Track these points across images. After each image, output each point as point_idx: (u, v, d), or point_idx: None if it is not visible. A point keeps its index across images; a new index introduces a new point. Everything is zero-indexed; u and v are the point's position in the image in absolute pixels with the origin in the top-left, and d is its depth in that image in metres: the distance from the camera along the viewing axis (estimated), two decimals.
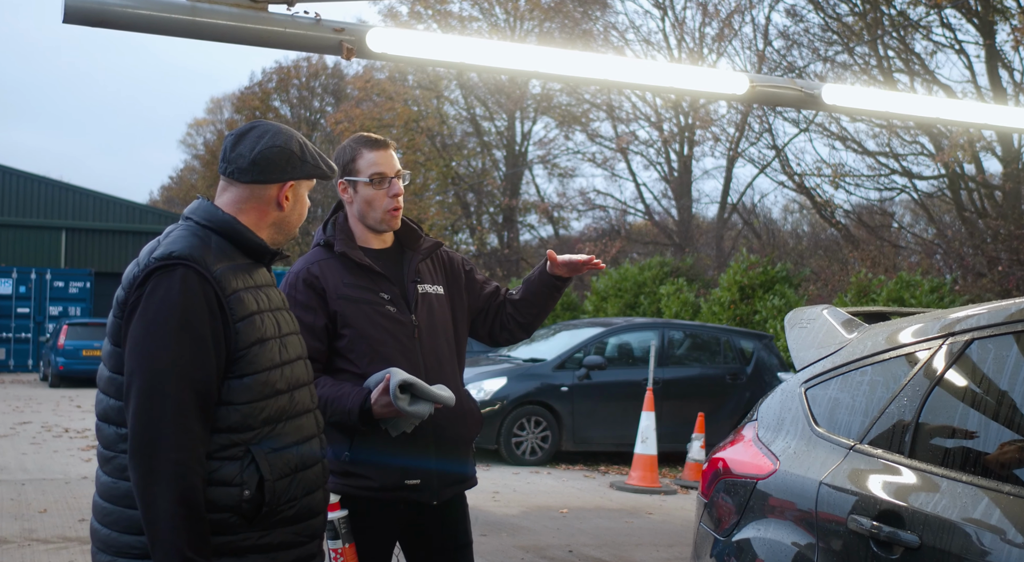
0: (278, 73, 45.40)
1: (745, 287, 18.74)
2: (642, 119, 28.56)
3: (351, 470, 3.03)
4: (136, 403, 2.25)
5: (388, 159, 3.17)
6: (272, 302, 2.52)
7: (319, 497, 2.54)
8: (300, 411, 2.50)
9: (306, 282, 3.09)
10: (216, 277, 2.36)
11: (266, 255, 2.54)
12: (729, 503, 3.28)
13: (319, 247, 3.19)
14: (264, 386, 2.40)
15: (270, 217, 2.53)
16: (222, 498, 2.31)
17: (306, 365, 2.60)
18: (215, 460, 2.32)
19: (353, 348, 3.06)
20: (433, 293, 3.24)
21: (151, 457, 2.22)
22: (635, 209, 30.15)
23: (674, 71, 4.49)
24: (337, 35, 3.78)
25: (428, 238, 3.31)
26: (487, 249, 33.89)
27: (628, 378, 12.04)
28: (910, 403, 2.78)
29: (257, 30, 3.68)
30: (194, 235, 2.43)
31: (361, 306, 3.08)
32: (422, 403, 2.89)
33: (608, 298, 22.38)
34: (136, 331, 2.30)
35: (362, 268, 3.13)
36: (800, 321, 3.52)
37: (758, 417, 3.42)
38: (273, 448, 2.40)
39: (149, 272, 2.33)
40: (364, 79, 35.16)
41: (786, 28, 24.95)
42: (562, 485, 10.28)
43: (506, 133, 33.96)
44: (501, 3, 32.26)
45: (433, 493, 3.10)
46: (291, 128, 2.60)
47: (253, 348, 2.39)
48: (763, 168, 25.99)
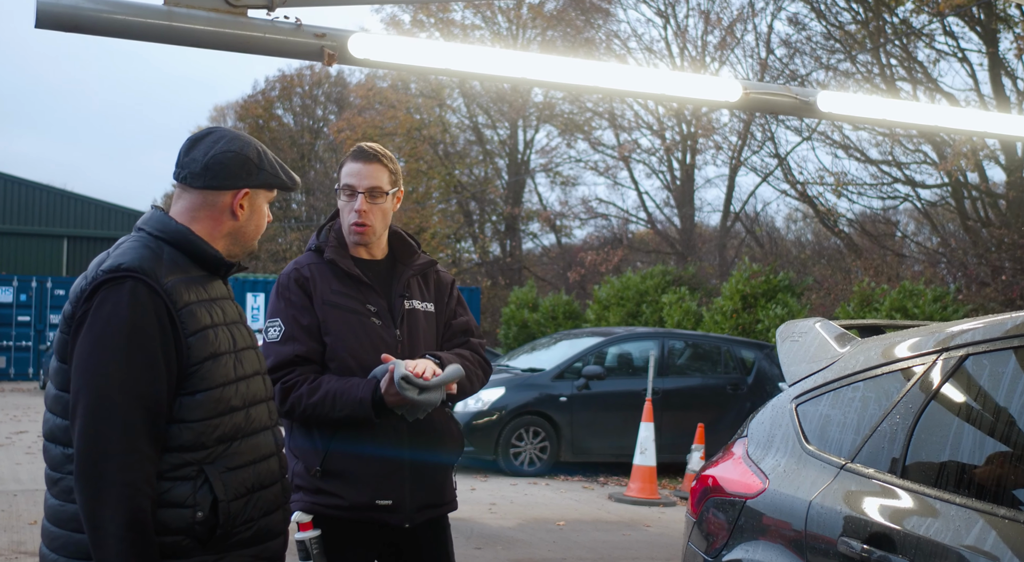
0: (281, 81, 45.38)
1: (747, 296, 18.63)
2: (644, 127, 28.50)
3: (322, 487, 2.94)
4: (82, 422, 2.16)
5: (363, 173, 3.08)
6: (227, 316, 2.42)
7: (278, 518, 2.44)
8: (257, 429, 2.40)
9: (297, 283, 3.04)
10: (167, 290, 2.26)
11: (221, 267, 2.44)
12: (718, 522, 3.18)
13: (311, 252, 3.14)
14: (218, 403, 2.30)
15: (224, 226, 2.43)
16: (174, 520, 2.21)
17: (264, 381, 2.50)
18: (166, 480, 2.22)
19: (334, 357, 2.99)
20: (422, 310, 3.15)
21: (98, 478, 2.13)
22: (637, 217, 30.08)
23: (667, 78, 4.40)
24: (318, 41, 3.69)
25: (424, 255, 3.23)
26: (489, 258, 33.79)
27: (628, 388, 11.93)
28: (902, 421, 2.68)
29: (236, 35, 3.59)
30: (145, 246, 2.33)
31: (346, 315, 3.01)
32: (432, 391, 2.81)
33: (610, 307, 22.26)
34: (83, 347, 2.20)
35: (350, 277, 3.06)
36: (792, 334, 3.42)
37: (748, 433, 3.32)
38: (228, 467, 2.30)
39: (97, 285, 2.24)
40: (366, 88, 35.13)
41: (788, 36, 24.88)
42: (560, 497, 10.17)
43: (508, 141, 33.90)
44: (504, 12, 32.23)
45: (405, 516, 3.00)
46: (251, 137, 2.50)
47: (206, 363, 2.29)
48: (765, 177, 25.90)
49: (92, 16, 3.39)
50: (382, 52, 3.75)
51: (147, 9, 3.48)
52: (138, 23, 3.46)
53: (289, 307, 2.99)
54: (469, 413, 11.42)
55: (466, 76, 4.00)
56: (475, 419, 11.38)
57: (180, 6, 3.52)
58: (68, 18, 3.36)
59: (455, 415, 11.22)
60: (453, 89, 33.88)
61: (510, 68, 3.99)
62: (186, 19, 3.52)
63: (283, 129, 45.69)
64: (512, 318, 24.87)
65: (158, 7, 3.49)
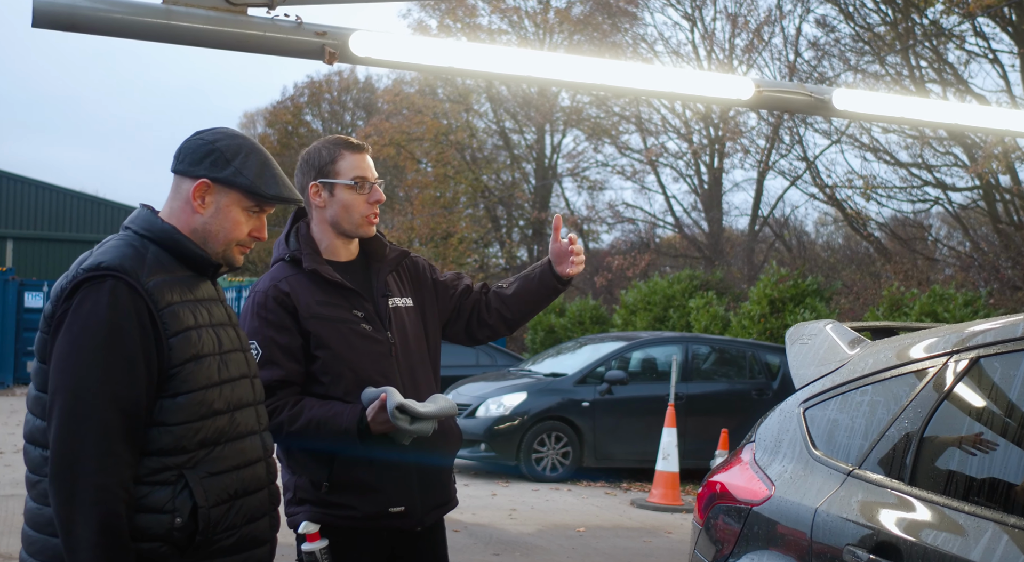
0: (310, 87, 45.59)
1: (775, 300, 18.44)
2: (671, 131, 28.34)
3: (332, 499, 2.86)
4: (58, 424, 2.11)
5: (369, 163, 3.03)
6: (214, 317, 2.36)
7: (264, 525, 2.38)
8: (242, 433, 2.34)
9: (277, 300, 2.89)
10: (148, 289, 2.21)
11: (208, 268, 2.39)
12: (724, 530, 3.09)
13: (284, 262, 2.99)
14: (199, 406, 2.24)
15: (191, 221, 2.37)
16: (151, 526, 2.16)
17: (252, 384, 2.44)
18: (145, 485, 2.17)
19: (328, 370, 2.88)
20: (403, 306, 3.07)
21: (71, 481, 2.08)
22: (664, 222, 29.89)
23: (679, 77, 4.32)
24: (319, 39, 3.64)
25: (394, 248, 3.13)
26: (517, 262, 33.73)
27: (651, 393, 11.81)
28: (911, 425, 2.58)
29: (235, 34, 3.55)
30: (129, 245, 2.28)
31: (335, 325, 2.90)
32: (423, 421, 2.73)
33: (637, 312, 22.12)
34: (61, 347, 2.16)
35: (333, 284, 2.94)
36: (801, 337, 3.32)
37: (756, 438, 3.23)
38: (209, 472, 2.24)
39: (77, 284, 2.19)
40: (393, 93, 35.19)
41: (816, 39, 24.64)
42: (581, 502, 10.07)
43: (535, 146, 33.84)
44: (531, 16, 32.20)
45: (418, 519, 2.94)
46: (252, 142, 2.41)
47: (188, 365, 2.23)
48: (794, 180, 25.66)
49: (89, 15, 3.36)
50: (384, 50, 3.69)
51: (145, 8, 3.44)
52: (136, 22, 3.43)
53: (266, 327, 2.85)
54: (491, 418, 11.36)
55: (468, 74, 3.94)
56: (497, 424, 11.31)
57: (179, 5, 3.48)
58: (65, 17, 3.33)
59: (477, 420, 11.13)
60: (480, 94, 33.87)
61: (514, 66, 3.93)
62: (185, 18, 3.48)
63: (312, 135, 45.86)
64: (539, 323, 24.76)
65: (156, 6, 3.46)
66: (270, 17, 3.59)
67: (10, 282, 20.84)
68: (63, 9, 3.32)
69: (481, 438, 11.35)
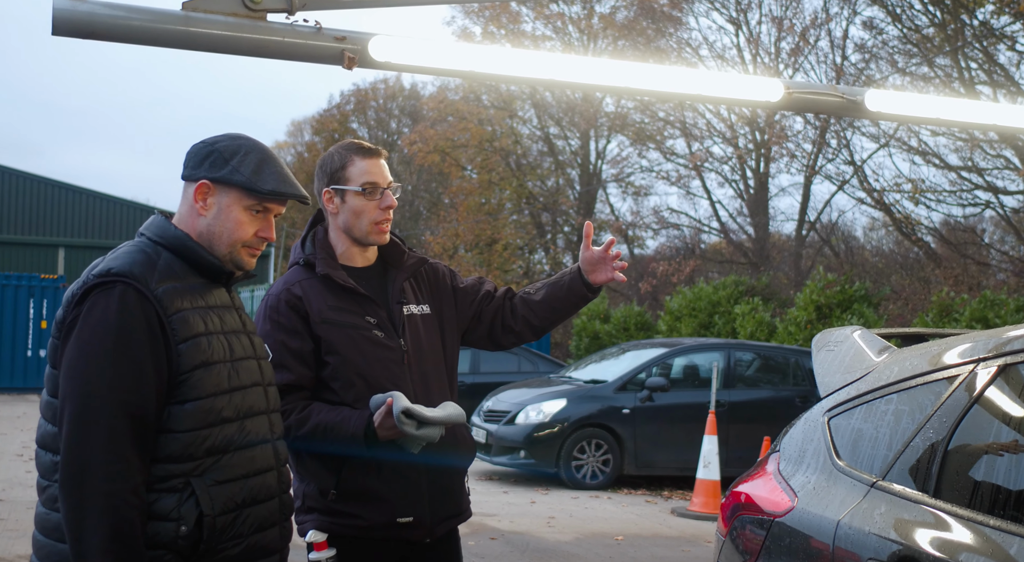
0: (356, 95, 45.93)
1: (822, 307, 18.21)
2: (717, 136, 28.12)
3: (339, 508, 2.82)
4: (68, 429, 2.10)
5: (381, 169, 2.97)
6: (226, 324, 2.34)
7: (273, 535, 2.35)
8: (253, 441, 2.32)
9: (289, 304, 2.87)
10: (157, 296, 2.20)
11: (221, 275, 2.37)
12: (747, 541, 3.01)
13: (299, 266, 2.97)
14: (208, 413, 2.22)
15: (196, 223, 2.37)
16: (157, 533, 2.14)
17: (266, 393, 2.41)
18: (152, 492, 2.15)
19: (338, 376, 2.85)
20: (419, 314, 3.02)
21: (81, 487, 2.07)
22: (710, 227, 29.67)
23: (705, 79, 4.24)
24: (339, 44, 3.61)
25: (413, 254, 3.09)
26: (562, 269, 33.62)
27: (693, 400, 11.68)
28: (936, 435, 2.49)
29: (254, 39, 3.53)
30: (141, 251, 2.29)
31: (347, 331, 2.87)
32: (430, 427, 2.69)
33: (682, 318, 21.96)
34: (71, 353, 2.16)
35: (346, 290, 2.91)
36: (827, 344, 3.23)
37: (780, 448, 3.14)
38: (217, 480, 2.22)
39: (87, 289, 2.19)
40: (438, 100, 35.29)
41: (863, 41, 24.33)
42: (621, 511, 9.98)
43: (580, 152, 33.76)
44: (575, 22, 32.15)
45: (427, 530, 2.89)
46: (256, 142, 2.40)
47: (197, 372, 2.22)
48: (841, 185, 25.33)
49: (108, 23, 3.36)
50: (404, 55, 3.66)
51: (164, 14, 3.44)
52: (155, 29, 3.42)
53: (277, 331, 2.83)
54: (530, 424, 11.31)
55: (489, 78, 3.90)
56: (536, 431, 11.26)
57: (198, 11, 3.48)
58: (84, 24, 3.33)
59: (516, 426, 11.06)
60: (524, 100, 33.87)
61: (535, 69, 3.88)
62: (203, 24, 3.47)
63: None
64: (583, 329, 24.67)
65: (175, 12, 3.45)
66: (289, 22, 3.57)
67: (60, 289, 21.16)
68: (83, 17, 3.32)
69: (521, 445, 11.30)
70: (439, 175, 39.12)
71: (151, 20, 3.42)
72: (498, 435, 11.52)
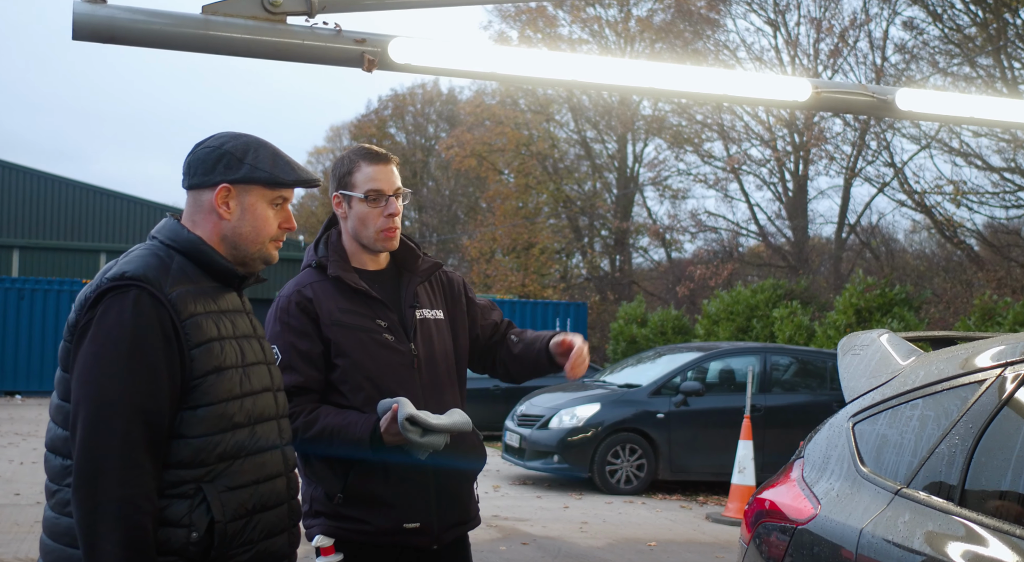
0: (394, 100, 46.09)
1: (862, 310, 18.00)
2: (755, 138, 27.91)
3: (345, 512, 2.80)
4: (81, 435, 2.08)
5: (387, 175, 2.92)
6: (238, 329, 2.32)
7: (282, 541, 2.33)
8: (263, 447, 2.30)
9: (299, 306, 2.85)
10: (171, 300, 2.18)
11: (234, 279, 2.35)
12: (770, 549, 2.95)
13: (311, 269, 2.95)
14: (220, 419, 2.20)
15: (216, 228, 2.34)
16: (168, 539, 2.12)
17: (276, 398, 2.39)
18: (163, 498, 2.13)
19: (347, 379, 2.82)
20: (432, 319, 2.99)
21: (95, 493, 2.05)
22: (748, 230, 29.43)
23: (731, 79, 4.18)
24: (359, 46, 3.60)
25: (427, 258, 3.06)
26: (599, 273, 33.54)
27: (728, 405, 11.55)
28: (962, 442, 2.42)
29: (274, 43, 3.53)
30: (154, 255, 2.26)
31: (357, 334, 2.84)
32: (435, 434, 2.65)
33: (720, 322, 21.80)
34: (84, 357, 2.13)
35: (357, 293, 2.89)
36: (853, 347, 3.17)
37: (805, 454, 3.08)
38: (228, 486, 2.20)
39: (101, 293, 2.17)
40: (474, 104, 35.34)
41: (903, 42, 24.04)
42: (655, 516, 9.90)
43: (617, 155, 33.65)
44: (611, 25, 32.06)
45: (434, 537, 2.85)
46: (253, 136, 2.39)
47: (209, 377, 2.20)
48: (882, 187, 25.03)
49: (128, 27, 3.36)
50: (424, 57, 3.63)
51: (183, 18, 3.44)
52: (174, 32, 3.42)
53: (287, 332, 2.81)
54: (564, 429, 11.25)
55: (510, 79, 3.86)
56: (570, 435, 11.20)
57: (217, 14, 3.47)
58: (104, 29, 3.34)
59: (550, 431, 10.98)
60: (561, 104, 33.83)
61: (562, 71, 3.84)
62: (223, 27, 3.47)
63: (396, 148, 46.34)
64: (620, 333, 24.58)
65: (195, 16, 3.45)
66: (309, 25, 3.57)
67: None
68: (102, 21, 3.33)
69: (554, 450, 11.25)
70: (476, 179, 39.15)
71: (171, 24, 3.42)
72: (531, 439, 11.47)
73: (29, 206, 31.73)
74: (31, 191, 31.65)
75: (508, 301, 26.72)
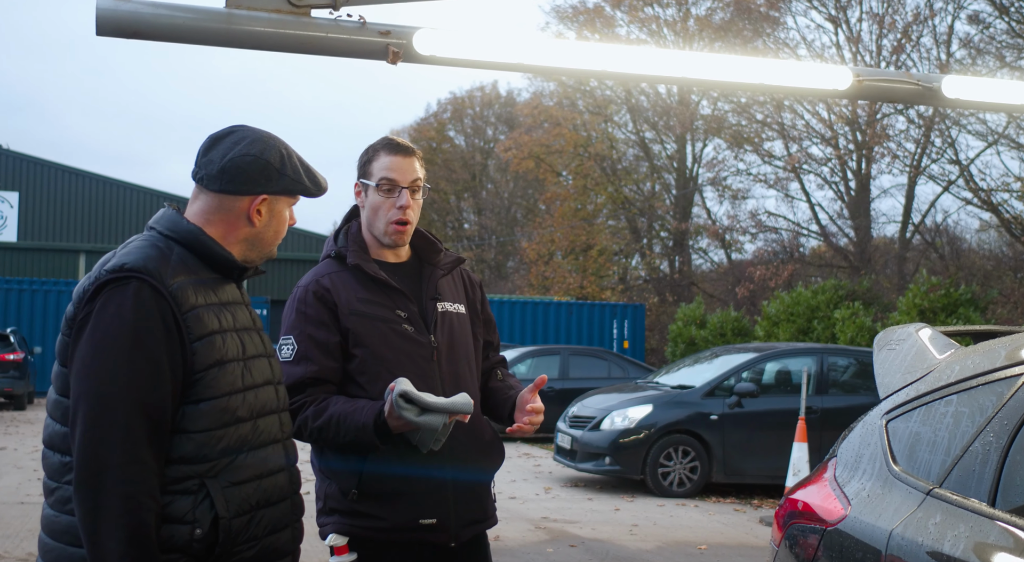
0: (452, 103, 46.25)
1: (926, 311, 17.63)
2: (816, 136, 27.48)
3: (359, 509, 2.74)
4: (82, 430, 2.04)
5: (404, 167, 2.86)
6: (238, 321, 2.28)
7: (286, 537, 2.28)
8: (265, 441, 2.25)
9: (316, 296, 2.81)
10: (172, 292, 2.13)
11: (234, 270, 2.31)
12: (799, 551, 2.84)
13: (330, 259, 2.91)
14: (223, 413, 2.16)
15: (241, 232, 2.30)
16: (172, 536, 2.08)
17: (277, 391, 2.34)
18: (166, 494, 2.09)
19: (365, 370, 2.77)
20: (454, 312, 2.93)
21: (97, 490, 2.00)
22: (809, 230, 28.97)
23: (769, 68, 4.07)
24: (383, 39, 3.57)
25: (449, 253, 3.01)
26: (658, 274, 33.29)
27: (784, 406, 11.33)
28: (996, 440, 2.30)
29: (298, 36, 3.51)
30: (153, 246, 2.21)
31: (376, 324, 2.79)
32: (433, 414, 2.56)
33: (780, 323, 21.48)
34: (84, 350, 2.08)
35: (377, 282, 2.84)
36: (890, 342, 3.04)
37: (838, 453, 2.96)
38: (231, 482, 2.15)
39: (100, 285, 2.12)
40: (532, 106, 35.30)
41: (968, 36, 23.48)
42: (707, 519, 9.74)
43: (676, 156, 33.37)
44: (670, 25, 31.82)
45: (451, 534, 2.78)
46: (277, 137, 2.34)
47: (211, 370, 2.15)
48: (947, 186, 24.48)
49: (151, 22, 3.37)
50: (450, 48, 3.59)
51: (207, 12, 3.43)
52: (198, 27, 3.42)
53: (304, 322, 2.78)
54: (615, 430, 11.14)
55: (541, 71, 3.80)
56: (621, 437, 11.09)
57: (241, 8, 3.46)
58: (128, 24, 3.34)
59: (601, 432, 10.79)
60: (620, 105, 33.64)
61: (591, 61, 3.77)
62: (247, 21, 3.46)
63: (455, 150, 46.50)
64: (679, 335, 24.35)
65: (218, 10, 3.44)
66: (333, 18, 3.54)
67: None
68: (126, 16, 3.33)
69: (605, 451, 11.14)
70: (534, 181, 39.11)
71: (194, 18, 3.42)
72: (583, 441, 11.37)
73: (95, 211, 32.32)
74: (97, 196, 32.24)
75: (565, 303, 26.64)
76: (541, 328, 25.45)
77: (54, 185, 31.80)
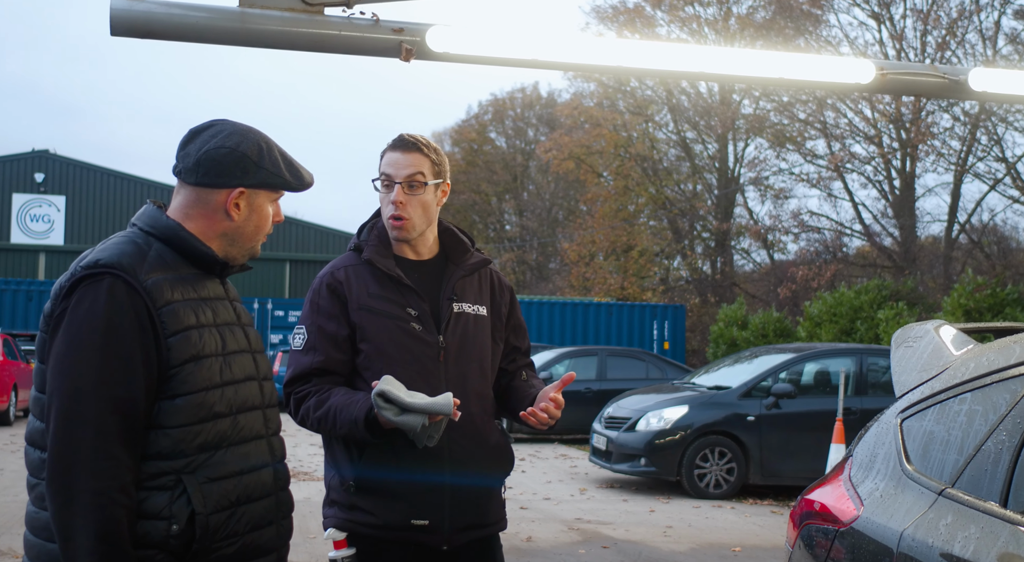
0: (493, 105, 46.31)
1: (971, 311, 17.37)
2: (859, 135, 27.15)
3: (356, 503, 2.72)
4: (54, 426, 2.04)
5: (399, 161, 2.81)
6: (219, 317, 2.26)
7: (270, 534, 2.26)
8: (247, 437, 2.23)
9: (330, 288, 2.81)
10: (147, 288, 2.12)
11: (215, 266, 2.29)
12: (813, 552, 2.78)
13: (351, 252, 2.91)
14: (199, 408, 2.14)
15: (219, 226, 2.27)
16: (148, 533, 2.06)
17: (261, 387, 2.32)
18: (142, 490, 2.08)
19: (369, 365, 2.75)
20: (472, 314, 2.87)
21: (68, 486, 2.00)
22: (852, 230, 28.63)
23: (791, 61, 4.01)
24: (396, 36, 3.56)
25: (477, 253, 2.95)
26: (700, 275, 33.08)
27: (822, 407, 11.17)
28: (1009, 439, 2.23)
29: (311, 34, 3.51)
30: (131, 242, 2.20)
31: (383, 320, 2.77)
32: (412, 414, 2.51)
33: (822, 324, 21.26)
34: (58, 347, 2.09)
35: (390, 278, 2.81)
36: (907, 340, 2.97)
37: (853, 453, 2.91)
38: (209, 477, 2.14)
39: (75, 282, 2.12)
40: (572, 106, 35.22)
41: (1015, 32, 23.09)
42: (743, 521, 9.64)
43: (717, 156, 33.15)
44: (710, 23, 31.63)
45: (443, 537, 2.74)
46: (258, 131, 2.32)
47: (187, 366, 2.13)
48: (994, 184, 24.09)
49: (165, 21, 3.38)
50: (463, 45, 3.57)
51: (221, 11, 3.44)
52: (212, 26, 3.43)
53: (316, 314, 2.78)
54: (651, 431, 11.06)
55: (556, 66, 3.76)
56: (657, 438, 11.00)
57: (255, 7, 3.47)
58: (142, 24, 3.36)
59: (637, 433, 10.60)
60: (660, 105, 33.48)
61: (608, 57, 3.73)
62: (260, 20, 3.47)
63: (496, 152, 46.55)
64: (720, 336, 24.19)
65: (231, 9, 3.45)
66: (346, 16, 3.53)
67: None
68: (140, 16, 3.35)
69: (641, 452, 11.06)
70: (575, 182, 39.04)
71: (208, 18, 3.43)
72: (618, 442, 11.30)
73: None
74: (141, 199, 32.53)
75: (605, 304, 26.55)
76: (581, 329, 25.39)
77: (100, 189, 32.26)
